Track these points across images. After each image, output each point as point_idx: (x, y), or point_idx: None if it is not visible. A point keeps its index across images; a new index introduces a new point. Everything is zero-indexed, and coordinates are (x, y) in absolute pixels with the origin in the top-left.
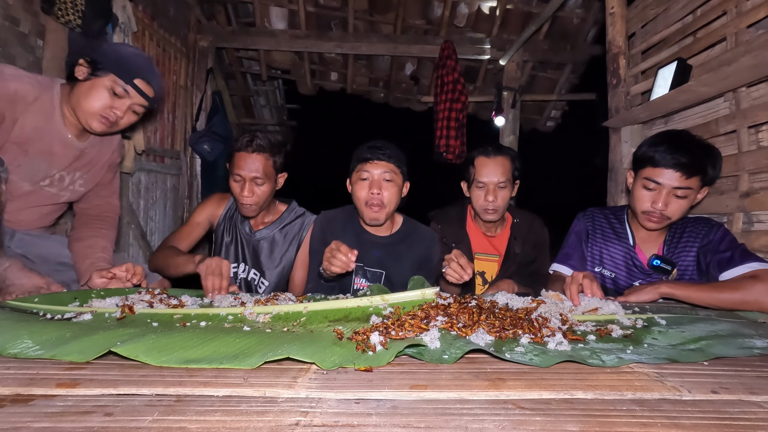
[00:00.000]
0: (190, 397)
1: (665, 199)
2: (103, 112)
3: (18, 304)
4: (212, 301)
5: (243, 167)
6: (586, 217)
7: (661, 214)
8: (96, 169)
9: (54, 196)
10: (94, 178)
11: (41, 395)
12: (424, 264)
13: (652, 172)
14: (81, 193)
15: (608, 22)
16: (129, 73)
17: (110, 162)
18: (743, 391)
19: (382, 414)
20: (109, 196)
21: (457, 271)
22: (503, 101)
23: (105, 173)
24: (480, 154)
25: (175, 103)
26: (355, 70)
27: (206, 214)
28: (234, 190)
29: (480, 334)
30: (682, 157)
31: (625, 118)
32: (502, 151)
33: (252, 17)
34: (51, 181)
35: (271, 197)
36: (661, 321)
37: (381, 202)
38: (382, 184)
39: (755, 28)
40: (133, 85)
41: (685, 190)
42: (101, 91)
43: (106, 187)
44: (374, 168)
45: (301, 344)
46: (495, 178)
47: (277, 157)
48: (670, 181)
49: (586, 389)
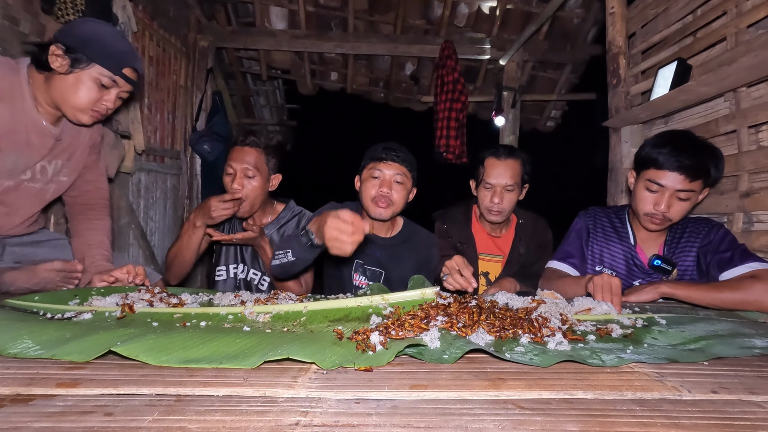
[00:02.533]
0: (190, 396)
1: (668, 201)
2: (93, 107)
3: (18, 303)
4: (211, 299)
5: (235, 159)
6: (588, 215)
7: (663, 216)
8: (78, 153)
9: (39, 192)
10: (78, 163)
11: (41, 395)
12: (423, 266)
13: (655, 174)
14: (67, 184)
15: (608, 22)
16: (116, 63)
17: (91, 143)
18: (743, 391)
19: (382, 414)
20: (97, 180)
21: (459, 282)
22: (503, 101)
23: (88, 156)
24: (491, 155)
25: (175, 103)
26: (355, 70)
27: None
28: (226, 184)
29: (480, 333)
30: (686, 160)
31: (625, 118)
32: (513, 154)
33: (252, 17)
34: (33, 174)
35: (262, 197)
36: (661, 321)
37: (389, 200)
38: (393, 185)
39: (755, 28)
40: (122, 75)
41: (688, 192)
42: (88, 84)
43: (91, 170)
44: (387, 168)
45: (301, 344)
46: (503, 180)
47: (270, 155)
48: (673, 184)
49: (586, 389)
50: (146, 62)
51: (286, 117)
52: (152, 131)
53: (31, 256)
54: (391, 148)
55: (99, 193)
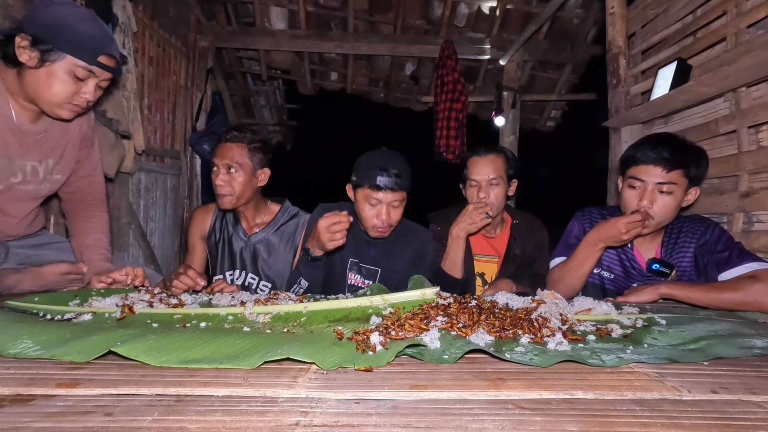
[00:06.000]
0: (190, 397)
1: (650, 196)
2: (71, 101)
3: (18, 304)
4: (211, 298)
5: (218, 155)
6: (584, 217)
7: (646, 212)
8: (69, 149)
9: (33, 192)
10: (69, 160)
11: (41, 395)
12: (418, 261)
13: (635, 170)
14: (61, 181)
15: (608, 22)
16: (90, 52)
17: (81, 137)
18: (743, 391)
19: (382, 414)
20: (91, 175)
21: None
22: (503, 101)
23: (79, 151)
24: (472, 155)
25: (175, 103)
26: (355, 70)
27: (197, 232)
28: (213, 182)
29: (480, 334)
30: (663, 152)
31: (625, 118)
32: (494, 150)
33: (252, 17)
34: (24, 176)
35: (248, 191)
36: (661, 321)
37: (389, 224)
38: (391, 210)
39: (755, 28)
40: (98, 64)
41: (669, 185)
42: (62, 77)
43: (84, 165)
44: (385, 196)
45: (301, 344)
46: (486, 175)
47: (255, 149)
48: (652, 177)
49: (586, 389)
50: (146, 62)
51: (286, 117)
52: (152, 131)
53: (36, 258)
54: (388, 173)
55: (94, 187)
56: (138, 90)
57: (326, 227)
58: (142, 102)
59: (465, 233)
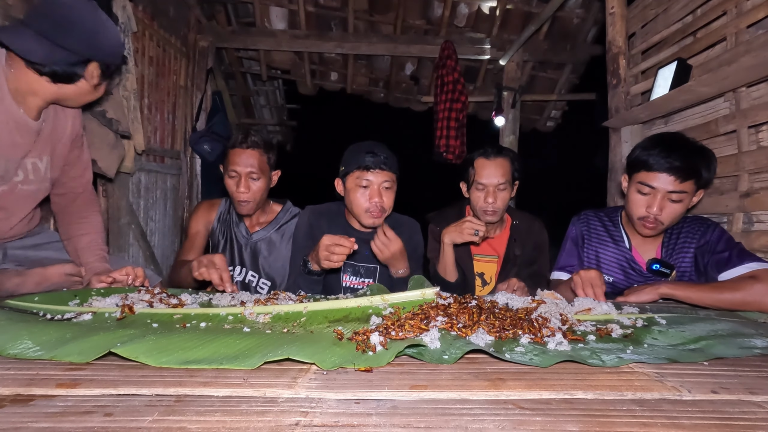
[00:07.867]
0: (190, 397)
1: (660, 203)
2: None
3: (18, 303)
4: (211, 298)
5: (238, 163)
6: (581, 221)
7: (655, 218)
8: (59, 147)
9: (34, 192)
10: (59, 158)
11: (41, 395)
12: (412, 253)
13: (646, 176)
14: (52, 180)
15: (608, 22)
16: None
17: (72, 135)
18: (743, 391)
19: (382, 414)
20: (82, 176)
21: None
22: (503, 101)
23: (70, 152)
24: (480, 156)
25: (175, 103)
26: (355, 70)
27: (201, 221)
28: (230, 188)
29: (480, 334)
30: (676, 161)
31: (625, 118)
32: (502, 153)
33: (252, 17)
34: (25, 175)
35: (266, 194)
36: (661, 321)
37: (382, 208)
38: (383, 192)
39: (755, 28)
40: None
41: (680, 194)
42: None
43: (75, 166)
44: (375, 177)
45: (301, 345)
46: (495, 179)
47: (270, 153)
48: (664, 185)
49: (586, 389)
50: (146, 62)
51: (286, 117)
52: (152, 131)
53: (35, 259)
54: (376, 153)
55: (84, 187)
56: (138, 90)
57: (326, 246)
58: (142, 102)
59: (452, 242)
